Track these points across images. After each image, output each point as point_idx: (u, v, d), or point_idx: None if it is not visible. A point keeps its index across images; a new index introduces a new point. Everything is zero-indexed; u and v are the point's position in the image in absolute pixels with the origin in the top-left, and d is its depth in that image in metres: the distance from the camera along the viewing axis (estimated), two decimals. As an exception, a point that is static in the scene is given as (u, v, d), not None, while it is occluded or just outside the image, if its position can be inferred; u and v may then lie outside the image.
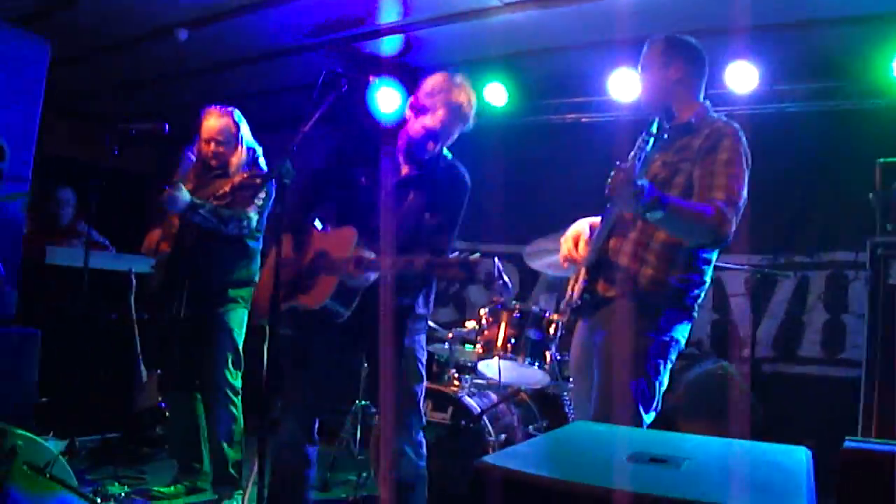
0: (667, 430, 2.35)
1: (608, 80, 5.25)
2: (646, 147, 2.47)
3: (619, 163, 2.40)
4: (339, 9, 4.88)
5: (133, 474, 4.35)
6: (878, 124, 4.69)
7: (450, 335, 4.54)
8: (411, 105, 3.08)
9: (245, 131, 4.02)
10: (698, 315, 2.79)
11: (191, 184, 3.91)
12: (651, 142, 2.46)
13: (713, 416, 4.47)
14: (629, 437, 2.04)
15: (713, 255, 2.75)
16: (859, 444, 2.06)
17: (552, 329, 4.12)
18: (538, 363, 4.11)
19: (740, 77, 4.92)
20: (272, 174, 2.75)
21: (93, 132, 7.22)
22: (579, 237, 2.84)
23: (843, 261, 4.99)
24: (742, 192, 2.60)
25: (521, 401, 4.45)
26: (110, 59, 5.97)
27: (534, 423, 4.37)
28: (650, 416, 2.67)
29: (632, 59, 3.07)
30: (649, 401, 2.65)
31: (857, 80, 4.86)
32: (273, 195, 3.78)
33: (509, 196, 5.84)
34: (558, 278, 4.92)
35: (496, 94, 5.77)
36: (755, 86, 4.97)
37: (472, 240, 5.87)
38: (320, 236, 3.11)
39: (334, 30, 5.19)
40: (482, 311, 4.33)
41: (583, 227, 2.88)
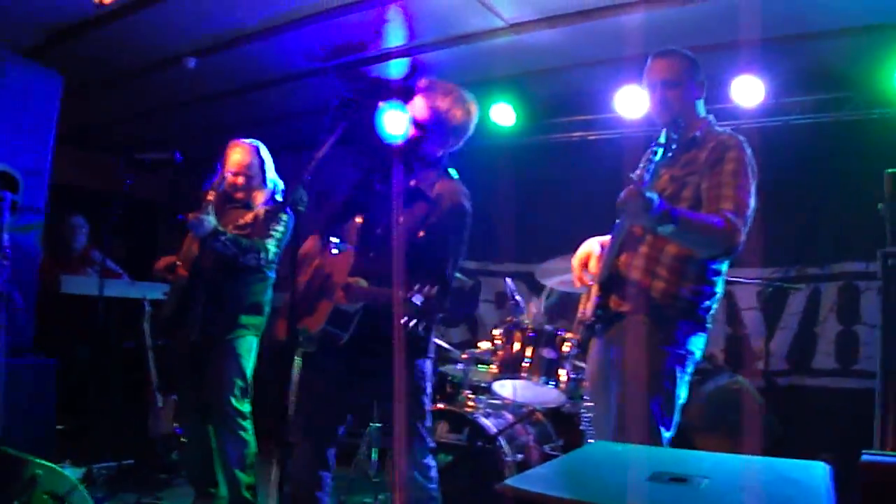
0: (683, 447, 2.35)
1: (615, 97, 5.26)
2: (654, 158, 2.49)
3: (631, 174, 2.42)
4: (345, 34, 4.92)
5: (150, 501, 4.34)
6: (885, 134, 4.68)
7: (464, 356, 4.54)
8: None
9: (269, 166, 4.08)
10: (712, 329, 2.79)
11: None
12: (660, 152, 2.48)
13: (729, 431, 4.46)
14: (648, 456, 2.03)
15: (724, 266, 2.76)
16: (878, 457, 2.05)
17: (566, 347, 4.13)
18: (553, 382, 4.11)
19: (747, 91, 4.91)
20: (286, 202, 2.77)
21: (103, 161, 7.27)
22: (589, 257, 2.86)
23: (854, 272, 4.97)
24: (749, 202, 2.62)
25: (537, 420, 4.44)
26: (120, 89, 6.03)
27: (550, 443, 4.36)
28: (670, 433, 2.67)
29: (638, 76, 3.09)
30: (668, 417, 2.65)
31: (863, 91, 4.86)
32: (291, 228, 3.81)
33: (519, 215, 5.86)
34: (556, 300, 4.94)
35: (504, 114, 5.77)
36: (762, 99, 4.96)
37: (483, 259, 5.88)
38: (331, 259, 3.12)
39: (341, 55, 5.24)
40: (495, 332, 4.35)
41: (593, 247, 2.90)
